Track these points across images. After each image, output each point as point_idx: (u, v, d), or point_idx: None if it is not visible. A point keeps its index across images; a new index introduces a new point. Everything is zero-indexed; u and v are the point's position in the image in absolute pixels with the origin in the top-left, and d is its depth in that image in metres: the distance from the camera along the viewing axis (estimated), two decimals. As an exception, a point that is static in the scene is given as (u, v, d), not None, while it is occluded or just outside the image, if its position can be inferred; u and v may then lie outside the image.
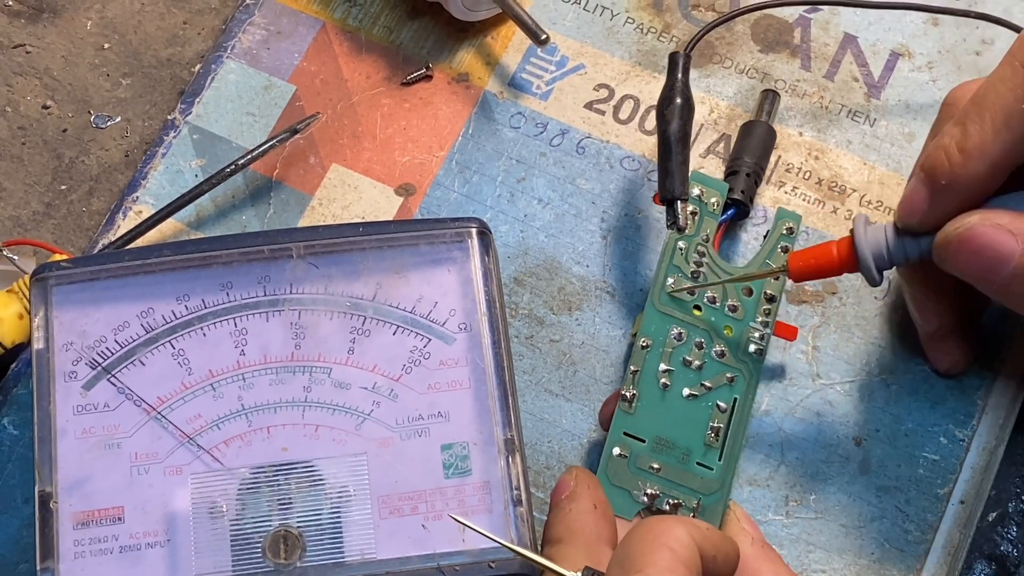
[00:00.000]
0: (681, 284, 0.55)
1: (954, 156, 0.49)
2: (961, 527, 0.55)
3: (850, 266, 0.53)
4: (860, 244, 0.52)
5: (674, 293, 0.55)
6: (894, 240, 0.52)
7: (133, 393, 0.53)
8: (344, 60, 0.63)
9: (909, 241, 0.52)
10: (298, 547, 0.50)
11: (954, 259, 0.50)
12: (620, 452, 0.53)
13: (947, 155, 0.49)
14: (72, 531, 0.51)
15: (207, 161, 0.61)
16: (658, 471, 0.53)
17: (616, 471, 0.53)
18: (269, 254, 0.54)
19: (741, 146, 0.59)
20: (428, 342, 0.53)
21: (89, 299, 0.54)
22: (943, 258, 0.50)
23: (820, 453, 0.56)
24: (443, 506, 0.51)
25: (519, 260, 0.59)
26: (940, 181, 0.49)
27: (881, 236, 0.52)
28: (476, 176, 0.61)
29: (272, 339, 0.53)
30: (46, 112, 0.63)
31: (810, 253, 0.53)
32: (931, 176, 0.50)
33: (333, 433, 0.52)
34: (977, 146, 0.49)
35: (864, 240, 0.52)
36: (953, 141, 0.49)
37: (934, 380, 0.57)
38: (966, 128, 0.49)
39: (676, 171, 0.55)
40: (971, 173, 0.49)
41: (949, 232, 0.50)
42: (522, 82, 0.62)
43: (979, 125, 0.49)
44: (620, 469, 0.53)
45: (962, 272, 0.50)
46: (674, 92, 0.56)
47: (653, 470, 0.53)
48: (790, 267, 0.53)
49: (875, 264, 0.52)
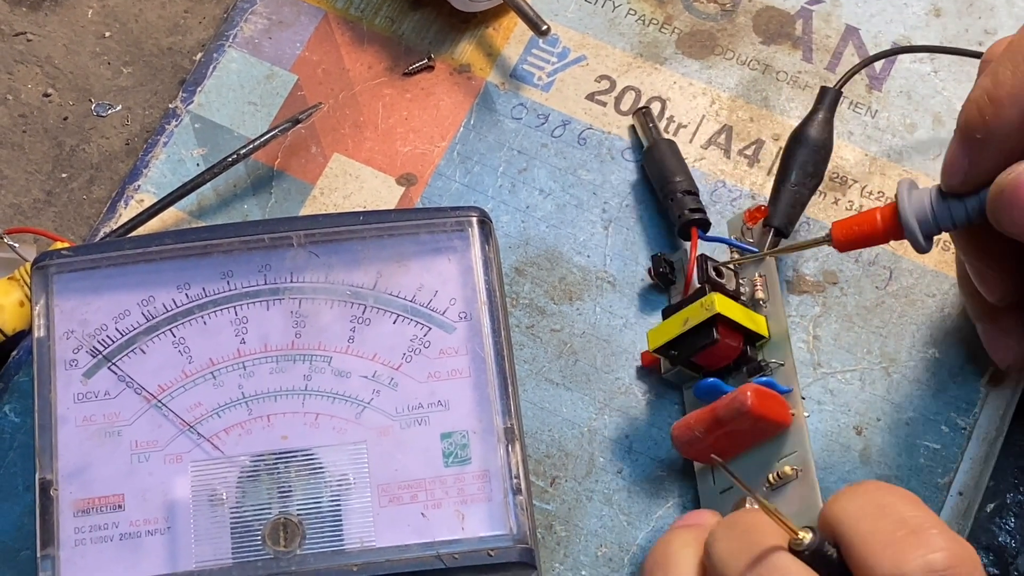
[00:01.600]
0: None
1: (985, 107, 0.47)
2: (960, 518, 0.55)
3: (895, 233, 0.50)
4: (904, 209, 0.50)
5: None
6: (939, 204, 0.50)
7: (133, 381, 0.53)
8: (346, 50, 0.63)
9: (955, 204, 0.49)
10: (298, 535, 0.51)
11: (1009, 211, 0.47)
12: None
13: (979, 107, 0.47)
14: (72, 518, 0.51)
15: (208, 150, 0.61)
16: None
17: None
18: (270, 243, 0.54)
19: (667, 172, 0.59)
20: (428, 331, 0.53)
21: (90, 287, 0.54)
22: (998, 213, 0.47)
23: (821, 442, 0.56)
24: (442, 495, 0.51)
25: (520, 250, 0.59)
26: (975, 135, 0.47)
27: (926, 200, 0.50)
28: (477, 167, 0.61)
29: (272, 328, 0.53)
30: (47, 100, 0.63)
31: (853, 221, 0.51)
32: (966, 131, 0.48)
33: (333, 421, 0.52)
34: (1009, 93, 0.46)
35: (908, 205, 0.50)
36: (984, 92, 0.47)
37: (935, 369, 0.57)
38: (997, 76, 0.47)
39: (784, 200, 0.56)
40: (1006, 121, 0.47)
41: (1001, 181, 0.47)
42: (524, 73, 0.62)
43: (1011, 71, 0.47)
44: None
45: (1017, 225, 0.47)
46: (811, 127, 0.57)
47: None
48: (834, 236, 0.51)
49: (921, 229, 0.50)
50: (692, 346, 0.54)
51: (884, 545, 0.42)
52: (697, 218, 0.57)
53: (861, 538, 0.42)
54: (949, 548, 0.41)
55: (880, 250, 0.59)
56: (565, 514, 0.56)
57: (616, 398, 0.57)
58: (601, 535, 0.55)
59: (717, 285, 0.55)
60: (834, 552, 0.43)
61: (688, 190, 0.58)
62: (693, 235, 0.57)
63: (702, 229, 0.57)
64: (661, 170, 0.59)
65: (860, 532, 0.43)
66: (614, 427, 0.57)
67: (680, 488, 0.56)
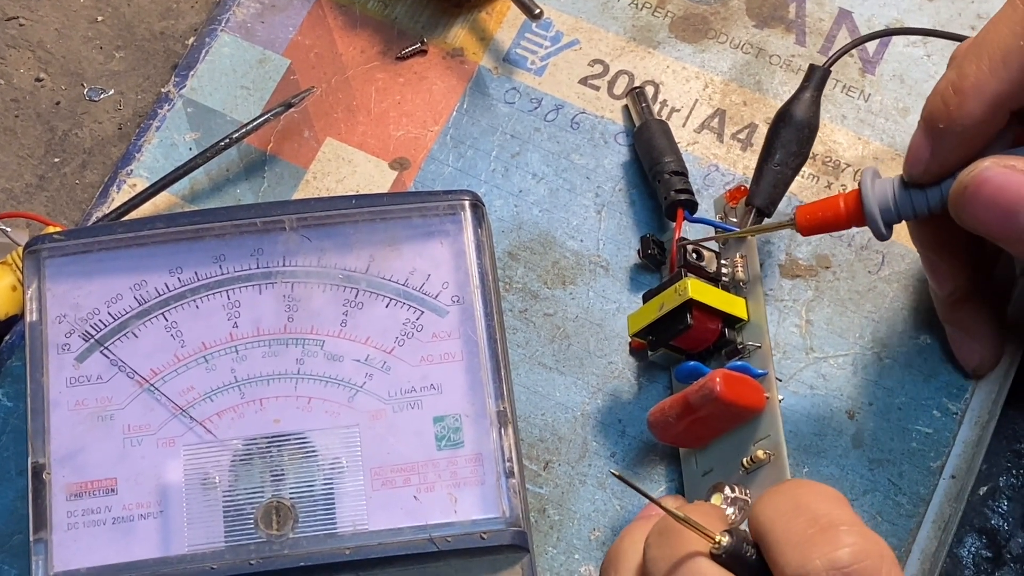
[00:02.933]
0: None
1: (950, 98, 0.48)
2: (952, 501, 0.55)
3: (857, 219, 0.51)
4: (867, 197, 0.51)
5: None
6: (901, 193, 0.51)
7: (126, 365, 0.53)
8: (339, 34, 0.63)
9: (916, 194, 0.50)
10: (290, 518, 0.51)
11: (971, 207, 0.48)
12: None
13: (943, 98, 0.48)
14: (65, 502, 0.51)
15: (201, 134, 0.61)
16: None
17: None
18: (262, 226, 0.54)
19: (656, 153, 0.59)
20: (421, 315, 0.53)
21: (82, 271, 0.54)
22: (959, 209, 0.48)
23: (813, 426, 0.56)
24: (435, 478, 0.51)
25: (513, 234, 0.59)
26: (938, 125, 0.48)
27: (888, 189, 0.51)
28: (470, 151, 0.61)
29: (265, 311, 0.53)
30: (39, 85, 0.63)
31: (817, 207, 0.52)
32: (930, 122, 0.49)
33: (326, 405, 0.52)
34: (973, 85, 0.47)
35: (871, 193, 0.51)
36: (949, 83, 0.48)
37: (928, 354, 0.57)
38: (962, 69, 0.48)
39: (766, 180, 0.56)
40: (968, 114, 0.48)
41: (963, 178, 0.48)
42: (517, 57, 0.62)
43: (976, 64, 0.48)
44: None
45: (979, 221, 0.48)
46: (796, 106, 0.57)
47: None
48: (797, 221, 0.52)
49: (882, 217, 0.51)
50: (668, 331, 0.54)
51: (794, 544, 0.42)
52: (683, 199, 0.57)
53: (774, 537, 0.43)
54: (856, 544, 0.41)
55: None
56: (558, 498, 0.56)
57: (609, 382, 0.57)
58: (594, 519, 0.55)
59: (695, 268, 0.55)
60: (753, 553, 0.44)
61: (676, 170, 0.58)
62: (678, 216, 0.57)
63: (689, 210, 0.57)
64: (650, 150, 0.59)
65: (775, 531, 0.43)
66: (607, 411, 0.57)
67: (672, 472, 0.56)
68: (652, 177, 0.59)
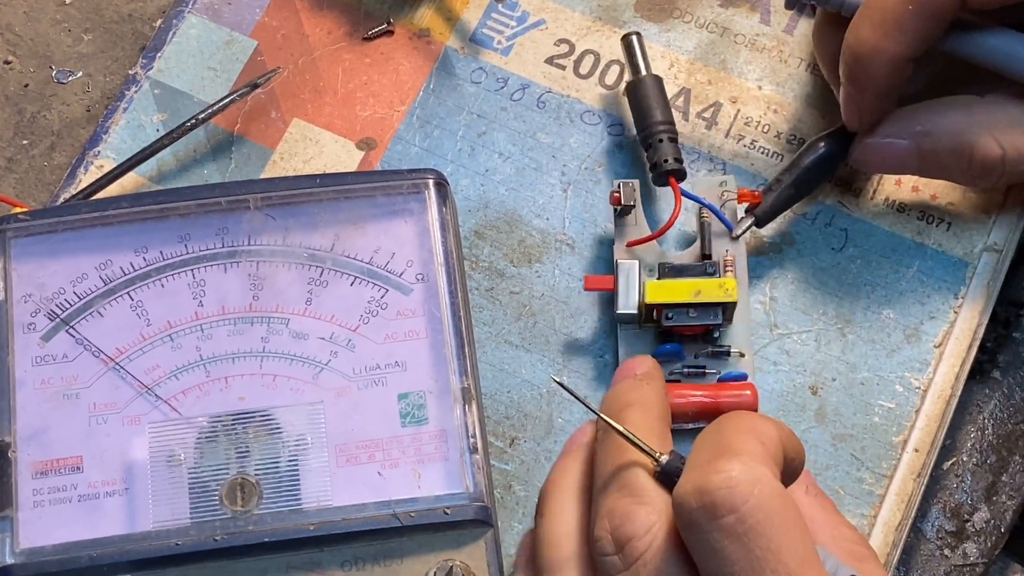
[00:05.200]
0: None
1: (854, 63, 0.53)
2: (915, 475, 0.56)
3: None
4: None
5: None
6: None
7: (91, 344, 0.53)
8: (305, 15, 0.63)
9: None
10: (255, 494, 0.51)
11: (876, 169, 0.58)
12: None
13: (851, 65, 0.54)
14: (31, 480, 0.51)
15: (168, 116, 0.61)
16: None
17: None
18: (226, 206, 0.54)
19: (649, 114, 0.58)
20: (385, 293, 0.54)
21: (47, 251, 0.54)
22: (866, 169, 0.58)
23: (776, 402, 0.57)
24: (399, 454, 0.52)
25: (480, 213, 0.60)
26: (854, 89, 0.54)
27: None
28: (437, 131, 0.61)
29: (230, 290, 0.54)
30: (7, 67, 0.63)
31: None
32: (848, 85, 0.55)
33: (291, 383, 0.53)
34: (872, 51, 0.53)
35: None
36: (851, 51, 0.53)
37: (890, 329, 0.57)
38: (859, 35, 0.53)
39: (781, 197, 0.57)
40: (875, 76, 0.53)
41: (854, 157, 0.57)
42: (483, 37, 0.62)
43: (870, 31, 0.53)
44: None
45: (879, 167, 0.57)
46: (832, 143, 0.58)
47: None
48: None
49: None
50: (691, 318, 0.55)
51: (691, 468, 0.44)
52: (676, 168, 0.57)
53: (687, 462, 0.45)
54: (727, 472, 0.42)
55: (836, 212, 0.59)
56: (524, 474, 0.56)
57: (575, 359, 0.58)
58: (559, 495, 0.56)
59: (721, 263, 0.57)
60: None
61: (672, 137, 0.58)
62: (673, 184, 0.57)
63: (678, 179, 0.57)
64: (643, 110, 0.58)
65: (690, 457, 0.45)
66: (573, 388, 0.57)
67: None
68: (643, 138, 0.58)
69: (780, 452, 0.45)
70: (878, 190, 0.59)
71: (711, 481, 0.42)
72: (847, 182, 0.60)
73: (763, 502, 0.42)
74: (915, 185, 0.59)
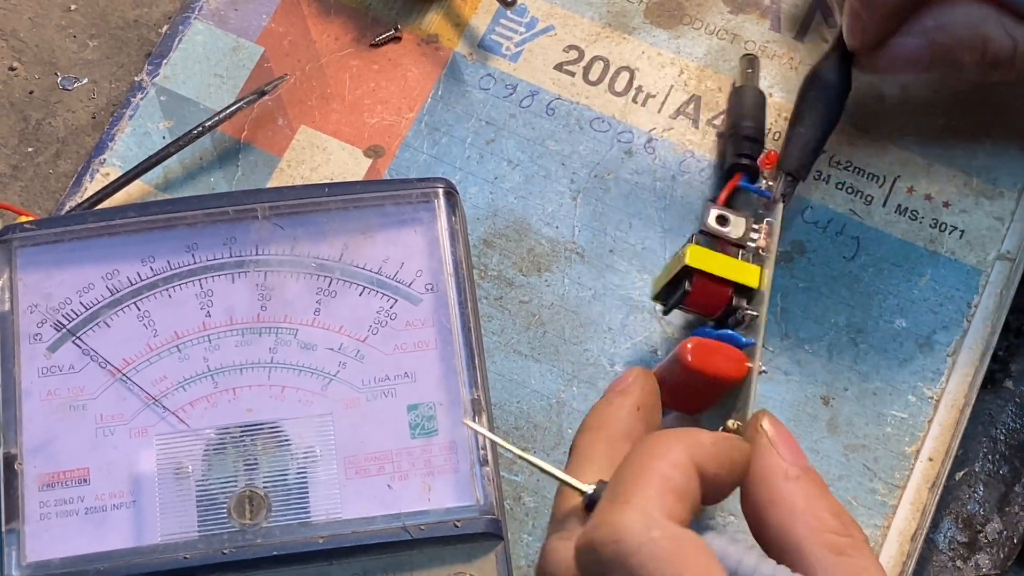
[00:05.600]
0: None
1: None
2: (928, 486, 0.55)
3: None
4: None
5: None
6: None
7: (98, 355, 0.52)
8: (312, 21, 0.62)
9: None
10: (263, 507, 0.51)
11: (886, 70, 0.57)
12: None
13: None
14: (38, 492, 0.51)
15: (175, 123, 0.61)
16: None
17: None
18: (234, 215, 0.54)
19: (740, 115, 0.59)
20: (394, 303, 0.53)
21: (54, 261, 0.54)
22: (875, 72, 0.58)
23: (788, 412, 0.56)
24: (409, 466, 0.51)
25: (488, 222, 0.59)
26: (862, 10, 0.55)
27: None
28: (445, 138, 0.61)
29: (238, 300, 0.53)
30: (12, 74, 0.63)
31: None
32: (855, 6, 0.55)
33: (299, 394, 0.52)
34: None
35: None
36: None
37: (903, 338, 0.57)
38: None
39: (794, 144, 0.56)
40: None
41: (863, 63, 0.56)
42: (491, 44, 0.62)
43: None
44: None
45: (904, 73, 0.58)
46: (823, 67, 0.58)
47: None
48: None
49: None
50: (672, 295, 0.54)
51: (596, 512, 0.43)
52: (745, 163, 0.57)
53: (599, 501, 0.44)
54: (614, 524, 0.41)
55: (848, 220, 0.59)
56: (534, 485, 0.56)
57: (585, 369, 0.57)
58: (569, 506, 0.55)
59: (712, 232, 0.54)
60: None
61: (751, 136, 0.58)
62: (735, 178, 0.56)
63: (749, 176, 0.57)
64: (737, 111, 0.59)
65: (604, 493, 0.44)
66: (583, 399, 0.57)
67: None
68: (727, 135, 0.59)
69: (689, 479, 0.43)
70: (890, 198, 0.59)
71: (597, 535, 0.41)
72: (858, 190, 0.59)
73: (654, 551, 0.41)
74: (928, 194, 0.59)
